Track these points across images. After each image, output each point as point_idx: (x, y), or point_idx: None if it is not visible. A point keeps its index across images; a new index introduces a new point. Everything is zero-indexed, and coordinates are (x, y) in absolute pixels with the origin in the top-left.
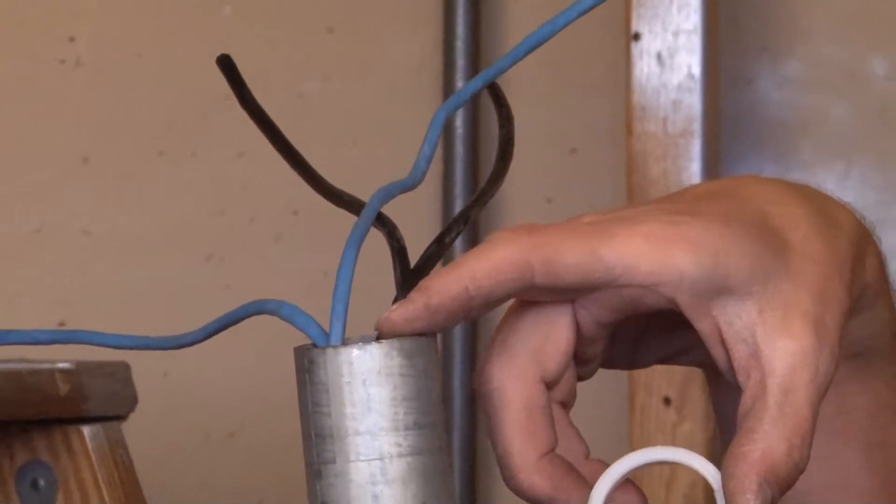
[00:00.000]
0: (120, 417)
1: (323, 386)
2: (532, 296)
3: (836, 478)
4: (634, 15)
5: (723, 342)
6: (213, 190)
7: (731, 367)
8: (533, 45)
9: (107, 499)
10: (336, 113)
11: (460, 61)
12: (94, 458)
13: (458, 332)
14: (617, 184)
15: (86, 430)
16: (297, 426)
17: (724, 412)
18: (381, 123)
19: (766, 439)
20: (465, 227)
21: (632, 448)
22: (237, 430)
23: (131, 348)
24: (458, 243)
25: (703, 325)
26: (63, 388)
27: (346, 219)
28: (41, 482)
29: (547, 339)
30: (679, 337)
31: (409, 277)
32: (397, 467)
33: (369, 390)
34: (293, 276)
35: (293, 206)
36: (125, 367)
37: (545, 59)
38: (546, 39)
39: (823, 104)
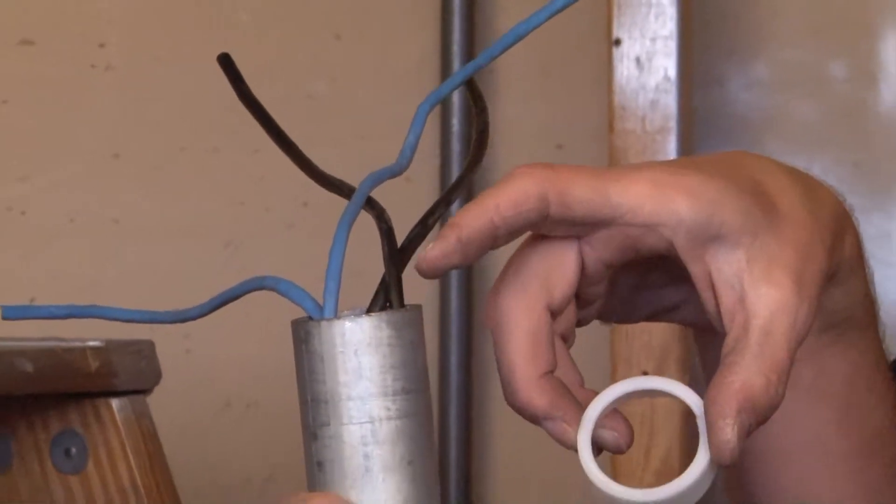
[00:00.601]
0: (145, 391)
1: (318, 355)
2: (546, 228)
3: (814, 437)
4: (615, 22)
5: (712, 286)
6: (231, 182)
7: (718, 311)
8: (508, 43)
9: (133, 465)
10: (342, 111)
11: (456, 63)
12: (121, 428)
13: (454, 306)
14: None
15: (114, 402)
16: None
17: (709, 368)
18: (383, 120)
19: (746, 372)
20: (446, 209)
21: None
22: (254, 402)
23: (140, 321)
24: None
25: (696, 269)
26: (94, 365)
27: None
28: (73, 450)
29: (555, 269)
30: (669, 294)
31: (396, 256)
32: (386, 429)
33: (360, 359)
34: (304, 261)
35: (304, 197)
36: (150, 345)
37: (534, 62)
38: (519, 38)
39: (788, 104)
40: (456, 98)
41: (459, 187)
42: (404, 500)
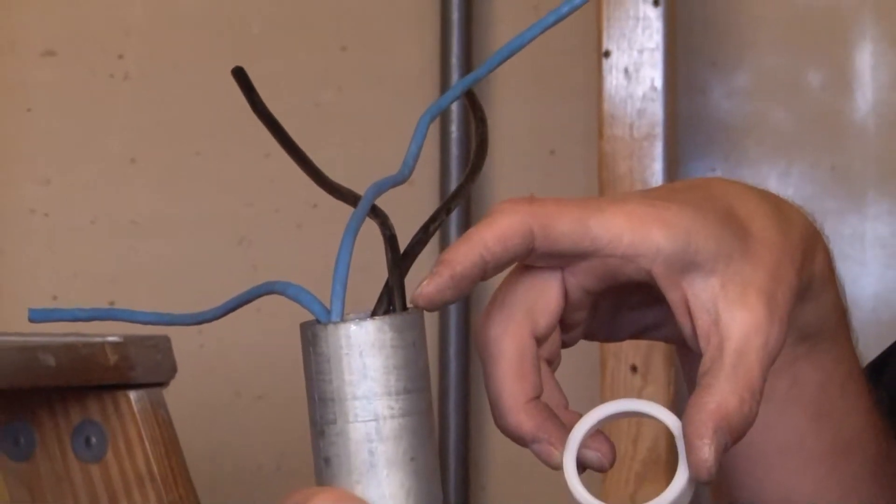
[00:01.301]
0: (161, 384)
1: (325, 357)
2: (531, 260)
3: (790, 440)
4: (605, 35)
5: (689, 312)
6: (243, 184)
7: (695, 335)
8: (504, 56)
9: (150, 454)
10: (348, 118)
11: (455, 74)
12: (139, 418)
13: (453, 308)
14: (590, 180)
15: (132, 394)
16: None
17: (693, 382)
18: (387, 126)
19: (721, 393)
20: (447, 216)
21: None
22: (264, 394)
23: (159, 324)
24: (453, 227)
25: (673, 296)
26: (112, 358)
27: None
28: (93, 439)
29: (539, 299)
30: (650, 314)
31: (398, 261)
32: (390, 427)
33: (365, 360)
34: (312, 259)
35: (313, 199)
36: (166, 340)
37: (528, 71)
38: (514, 52)
39: (767, 111)
40: (455, 106)
41: (460, 196)
42: (407, 494)
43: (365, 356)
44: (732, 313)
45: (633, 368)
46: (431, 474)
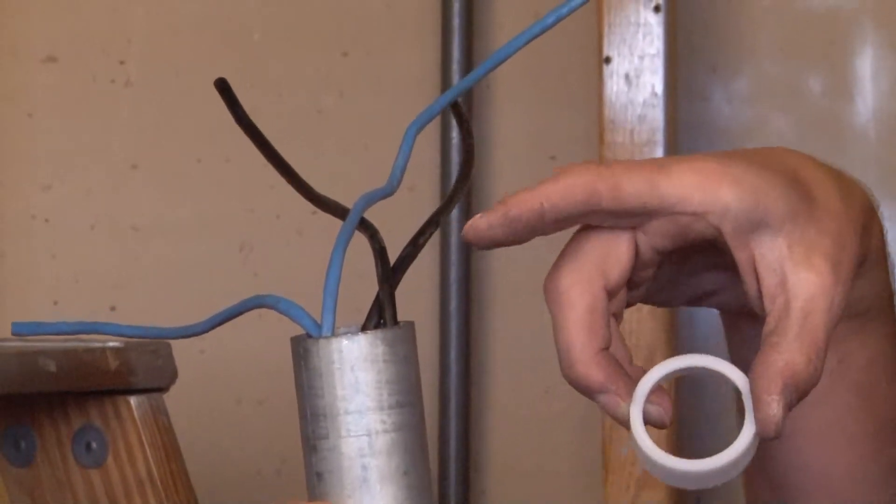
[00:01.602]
0: (162, 389)
1: (316, 371)
2: (597, 220)
3: (834, 417)
4: (606, 41)
5: (755, 271)
6: (244, 190)
7: (759, 294)
8: (502, 58)
9: (150, 459)
10: (350, 124)
11: (456, 80)
12: (139, 424)
13: (453, 311)
14: None
15: (133, 399)
16: None
17: (741, 354)
18: (388, 132)
19: (789, 351)
20: (436, 228)
21: (602, 413)
22: (264, 399)
23: (146, 337)
24: (454, 231)
25: (740, 255)
26: (113, 364)
27: None
28: (94, 444)
29: (611, 252)
30: (707, 280)
31: (389, 274)
32: (382, 441)
33: (357, 375)
34: (312, 265)
35: (313, 206)
36: (167, 346)
37: (529, 77)
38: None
39: (767, 116)
40: None
41: (448, 208)
42: None
43: (357, 371)
44: (799, 274)
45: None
46: (424, 488)
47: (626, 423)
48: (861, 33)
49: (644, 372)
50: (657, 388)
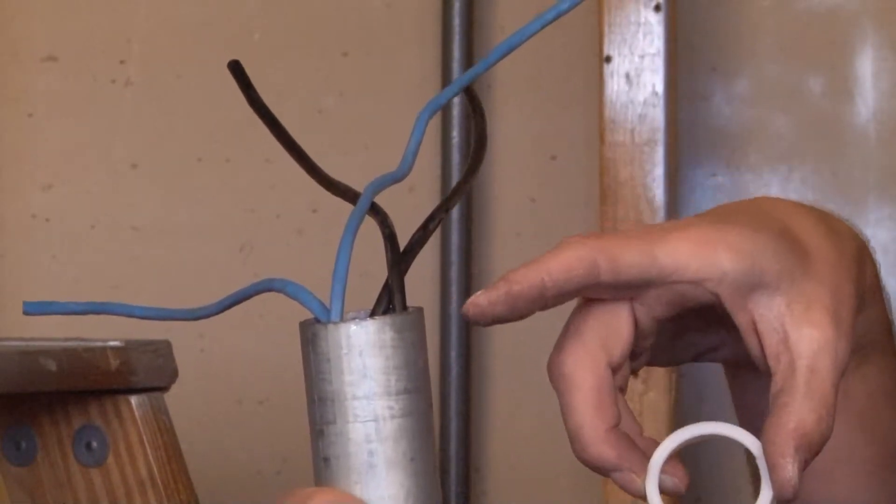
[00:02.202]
0: (163, 388)
1: (324, 356)
2: (596, 293)
3: (841, 453)
4: (606, 40)
5: (756, 332)
6: (244, 190)
7: (763, 354)
8: (503, 52)
9: (151, 459)
10: (350, 124)
11: (456, 79)
12: (140, 423)
13: (454, 312)
14: (591, 185)
15: (133, 399)
16: None
17: (744, 401)
18: (388, 132)
19: (799, 412)
20: (445, 215)
21: None
22: (265, 399)
23: (156, 318)
24: (455, 231)
25: (740, 318)
26: (114, 363)
27: None
28: (94, 444)
29: (612, 329)
30: (711, 337)
31: (398, 260)
32: (389, 427)
33: (365, 360)
34: (313, 265)
35: (313, 205)
36: (167, 345)
37: (529, 77)
38: (513, 48)
39: (768, 117)
40: (456, 110)
41: (459, 194)
42: (406, 495)
43: (365, 356)
44: (801, 331)
45: (635, 374)
46: (431, 475)
47: (643, 498)
48: (861, 34)
49: (656, 444)
50: (671, 458)
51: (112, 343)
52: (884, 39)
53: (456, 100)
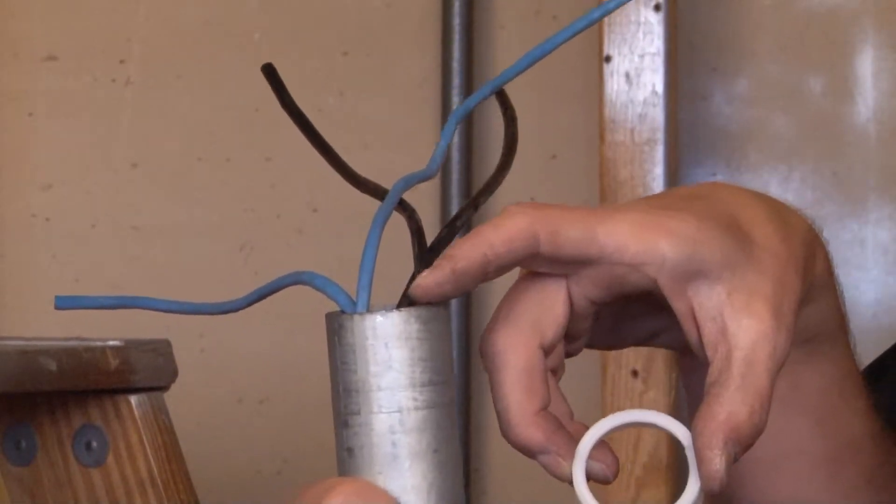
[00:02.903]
0: (163, 388)
1: (350, 347)
2: (535, 265)
3: (790, 445)
4: (606, 40)
5: (695, 320)
6: (244, 190)
7: (701, 343)
8: (533, 60)
9: (151, 458)
10: (350, 123)
11: (456, 79)
12: (140, 423)
13: (454, 312)
14: (591, 185)
15: (133, 398)
16: (319, 395)
17: (693, 389)
18: (388, 131)
19: (731, 403)
20: (474, 212)
21: (604, 413)
22: (265, 399)
23: (184, 313)
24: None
25: (679, 305)
26: (113, 363)
27: (358, 216)
28: (94, 443)
29: (546, 310)
30: (652, 322)
31: (425, 254)
32: (413, 419)
33: (390, 352)
34: (313, 264)
35: (313, 204)
36: (167, 344)
37: (530, 77)
38: (542, 57)
39: (768, 117)
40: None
41: (487, 192)
42: (429, 486)
43: (390, 347)
44: (739, 322)
45: (634, 373)
46: (454, 467)
47: (569, 482)
48: (861, 34)
49: (586, 428)
50: (600, 444)
51: (112, 343)
52: (884, 39)
53: (456, 100)
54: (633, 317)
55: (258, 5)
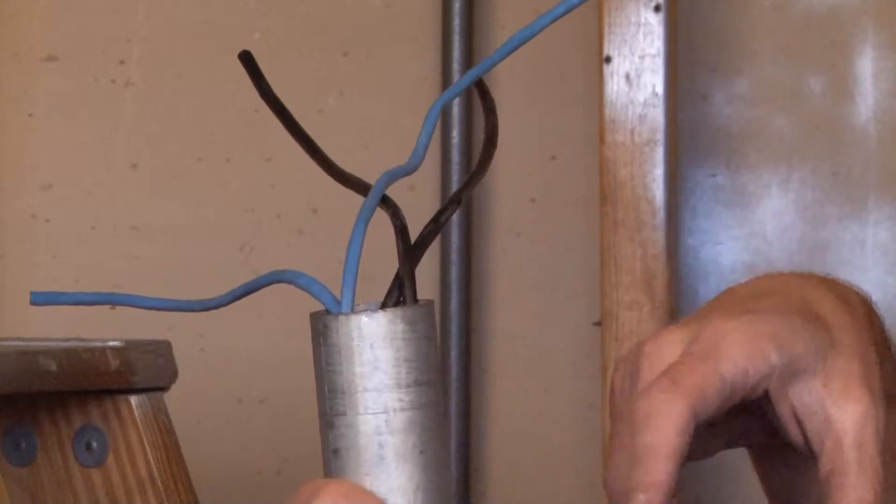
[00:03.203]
0: (163, 388)
1: (335, 348)
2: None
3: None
4: (606, 40)
5: (796, 418)
6: (244, 190)
7: (804, 439)
8: (514, 46)
9: (151, 459)
10: (350, 124)
11: (457, 78)
12: (140, 423)
13: (454, 311)
14: (591, 186)
15: (133, 399)
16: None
17: (772, 483)
18: (388, 132)
19: (857, 489)
20: (457, 207)
21: (603, 414)
22: (265, 399)
23: (163, 309)
24: (455, 231)
25: (782, 408)
26: (113, 363)
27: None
28: (94, 444)
29: (668, 439)
30: (738, 425)
31: (410, 252)
32: (400, 420)
33: (376, 352)
34: (313, 265)
35: (313, 204)
36: (167, 345)
37: (529, 76)
38: (524, 41)
39: (768, 117)
40: (456, 109)
41: (470, 187)
42: (416, 487)
43: (376, 348)
44: (843, 408)
45: None
46: (441, 468)
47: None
48: (862, 34)
49: None
50: None
51: (112, 343)
52: (884, 39)
53: (457, 99)
54: (719, 425)
55: (258, 6)
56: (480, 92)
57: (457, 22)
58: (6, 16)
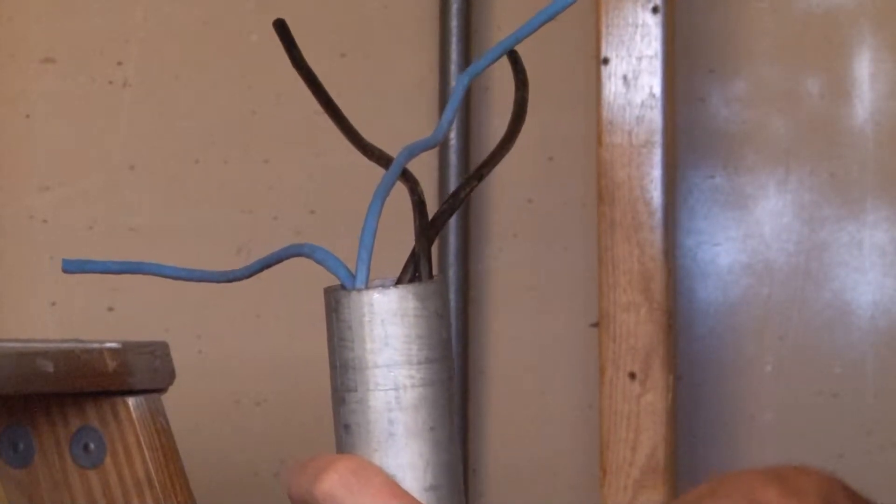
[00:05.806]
0: (160, 390)
1: (347, 323)
2: None
3: None
4: (604, 42)
5: None
6: (242, 192)
7: None
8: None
9: (148, 460)
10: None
11: (454, 79)
12: (137, 425)
13: (453, 310)
14: (588, 187)
15: (131, 401)
16: (316, 397)
17: None
18: (386, 132)
19: None
20: (478, 183)
21: (602, 415)
22: (262, 400)
23: (188, 279)
24: (452, 232)
25: None
26: (111, 365)
27: (356, 217)
28: (92, 445)
29: None
30: None
31: (426, 228)
32: (410, 396)
33: (387, 329)
34: (311, 266)
35: (311, 206)
36: (165, 346)
37: (528, 78)
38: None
39: (765, 118)
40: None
41: (493, 163)
42: (426, 464)
43: (387, 324)
44: None
45: (632, 375)
46: (450, 445)
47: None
48: (859, 35)
49: None
50: None
51: (109, 345)
52: (881, 41)
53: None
54: None
55: (256, 7)
56: (513, 63)
57: (454, 23)
58: (4, 17)
